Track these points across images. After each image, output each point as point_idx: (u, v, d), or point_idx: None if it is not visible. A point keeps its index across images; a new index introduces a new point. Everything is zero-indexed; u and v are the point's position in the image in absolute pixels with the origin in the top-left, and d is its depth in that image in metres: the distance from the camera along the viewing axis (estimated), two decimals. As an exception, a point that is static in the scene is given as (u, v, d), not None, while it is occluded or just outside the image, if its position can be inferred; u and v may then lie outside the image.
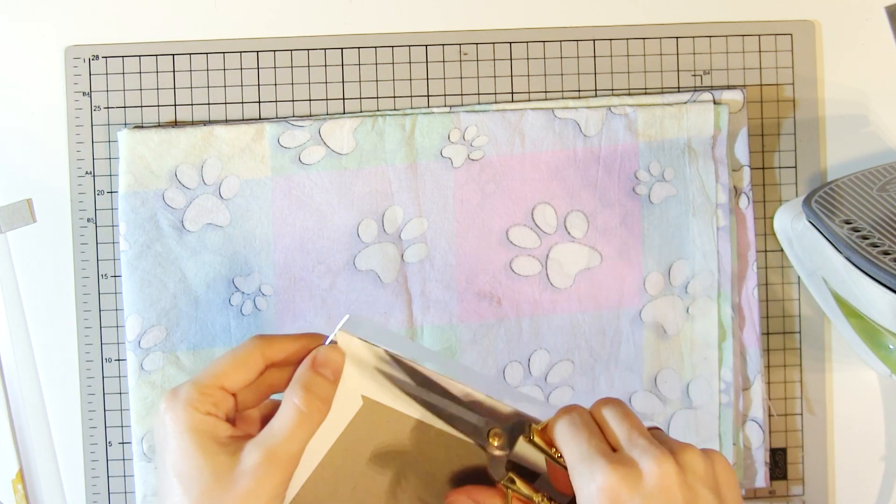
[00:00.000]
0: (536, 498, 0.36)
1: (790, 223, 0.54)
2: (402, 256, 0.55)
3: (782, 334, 0.57)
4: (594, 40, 0.56)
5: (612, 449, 0.35)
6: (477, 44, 0.56)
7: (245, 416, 0.38)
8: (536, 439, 0.36)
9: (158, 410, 0.35)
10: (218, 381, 0.35)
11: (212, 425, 0.35)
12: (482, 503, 0.37)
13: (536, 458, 0.37)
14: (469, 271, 0.55)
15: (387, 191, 0.55)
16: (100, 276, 0.55)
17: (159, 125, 0.55)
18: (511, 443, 0.37)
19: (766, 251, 0.57)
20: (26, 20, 0.55)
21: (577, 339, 0.55)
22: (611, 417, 0.36)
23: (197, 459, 0.34)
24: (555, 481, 0.37)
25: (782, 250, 0.56)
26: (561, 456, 0.36)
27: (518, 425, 0.37)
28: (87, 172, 0.55)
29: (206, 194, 0.54)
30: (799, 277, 0.57)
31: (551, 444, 0.36)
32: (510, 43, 0.56)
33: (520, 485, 0.36)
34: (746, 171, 0.56)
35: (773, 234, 0.57)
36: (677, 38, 0.56)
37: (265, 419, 0.37)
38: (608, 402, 0.37)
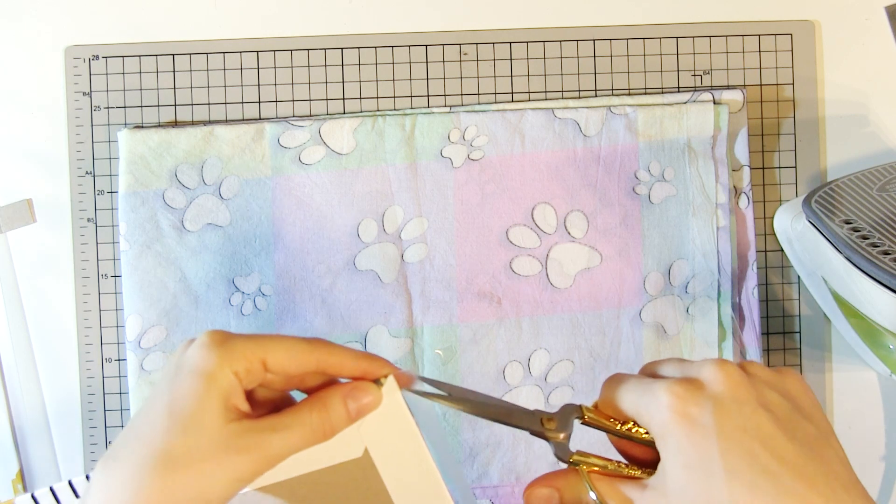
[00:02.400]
0: (611, 465, 0.35)
1: (790, 223, 0.54)
2: (402, 256, 0.55)
3: (782, 334, 0.57)
4: (594, 40, 0.56)
5: None
6: (477, 44, 0.56)
7: (255, 394, 0.37)
8: (592, 415, 0.36)
9: (194, 342, 0.34)
10: (265, 354, 0.34)
11: (229, 387, 0.33)
12: (561, 487, 0.35)
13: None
14: (469, 271, 0.55)
15: (387, 191, 0.55)
16: (100, 276, 0.55)
17: (159, 125, 0.55)
18: (566, 426, 0.36)
19: (766, 251, 0.57)
20: (26, 20, 0.55)
21: (577, 339, 0.55)
22: (658, 366, 0.36)
23: (191, 409, 0.32)
24: (623, 454, 0.37)
25: (782, 250, 0.56)
26: (621, 425, 0.35)
27: (567, 411, 0.36)
28: (87, 172, 0.55)
29: (206, 194, 0.54)
30: (799, 277, 0.57)
31: (608, 417, 0.36)
32: (510, 43, 0.56)
33: (590, 458, 0.36)
34: (746, 171, 0.56)
35: (773, 234, 0.57)
36: (677, 38, 0.56)
37: (271, 404, 0.36)
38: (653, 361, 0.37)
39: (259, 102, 0.56)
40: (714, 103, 0.55)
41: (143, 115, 0.55)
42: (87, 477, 0.42)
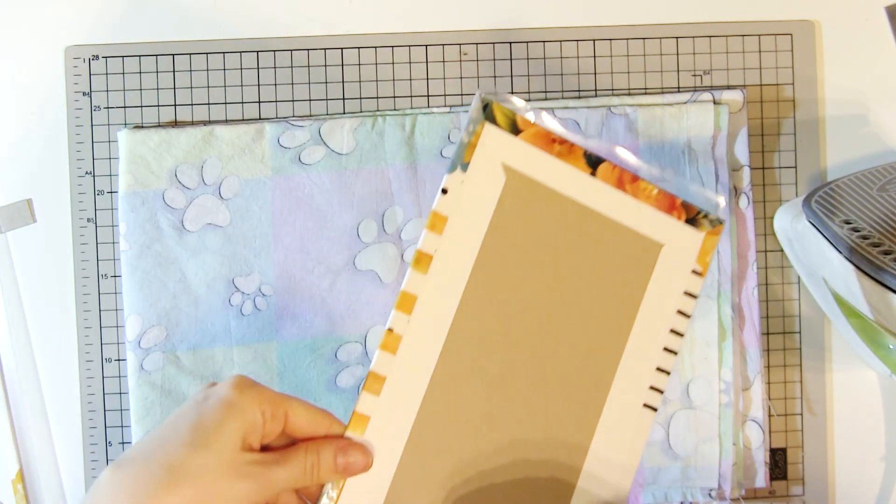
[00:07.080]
0: None
1: (790, 223, 0.54)
2: (402, 256, 0.55)
3: (782, 334, 0.57)
4: (594, 40, 0.56)
5: None
6: (477, 44, 0.56)
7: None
8: None
9: (222, 382, 0.37)
10: (289, 409, 0.37)
11: (253, 421, 0.36)
12: None
13: None
14: (469, 271, 0.55)
15: (387, 191, 0.55)
16: (100, 276, 0.55)
17: (159, 125, 0.55)
18: None
19: (766, 251, 0.57)
20: (26, 20, 0.55)
21: (577, 339, 0.55)
22: None
23: (215, 430, 0.35)
24: None
25: (782, 250, 0.56)
26: None
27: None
28: (87, 172, 0.55)
29: (206, 194, 0.54)
30: (799, 277, 0.57)
31: None
32: (510, 43, 0.56)
33: None
34: (746, 171, 0.56)
35: (773, 234, 0.57)
36: (677, 38, 0.56)
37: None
38: None
39: (259, 102, 0.56)
40: (714, 103, 0.55)
41: (143, 115, 0.55)
42: None
